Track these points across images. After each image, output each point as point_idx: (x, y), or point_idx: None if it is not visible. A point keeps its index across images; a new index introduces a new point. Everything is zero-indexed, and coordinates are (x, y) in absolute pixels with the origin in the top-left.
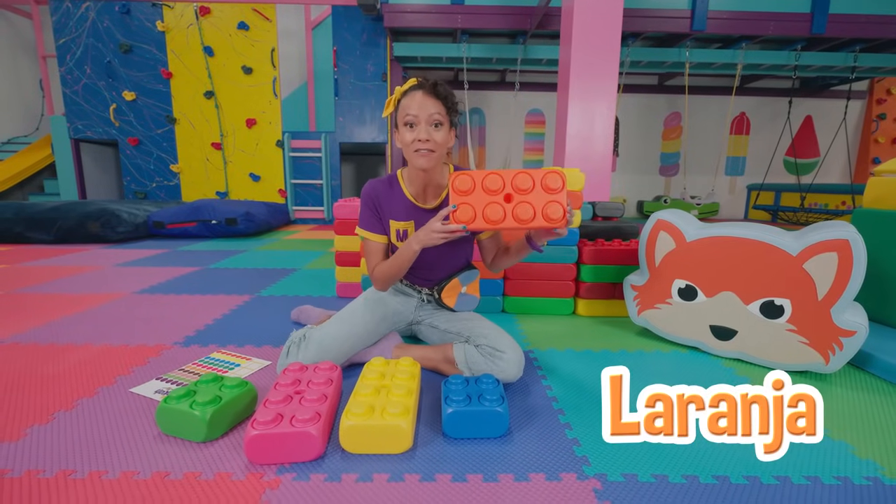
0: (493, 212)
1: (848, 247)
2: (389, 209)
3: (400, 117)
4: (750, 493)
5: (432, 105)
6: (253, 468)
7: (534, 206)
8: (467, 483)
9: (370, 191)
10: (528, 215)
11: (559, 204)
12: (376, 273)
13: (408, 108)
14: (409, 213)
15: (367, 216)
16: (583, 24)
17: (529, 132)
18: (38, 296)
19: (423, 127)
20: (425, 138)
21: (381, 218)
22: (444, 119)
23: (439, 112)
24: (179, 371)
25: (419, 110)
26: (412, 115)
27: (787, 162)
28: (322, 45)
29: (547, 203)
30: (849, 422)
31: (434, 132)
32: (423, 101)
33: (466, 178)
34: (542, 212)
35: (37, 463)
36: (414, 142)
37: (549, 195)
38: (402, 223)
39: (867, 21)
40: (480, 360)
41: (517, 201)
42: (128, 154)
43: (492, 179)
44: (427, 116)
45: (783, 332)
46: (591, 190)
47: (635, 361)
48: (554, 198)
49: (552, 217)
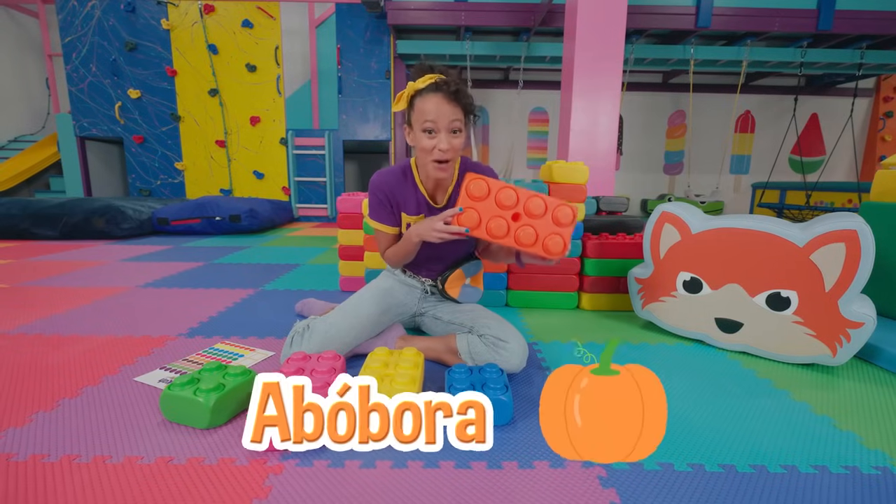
0: (497, 226)
1: (856, 237)
2: (402, 202)
3: (416, 119)
4: (756, 481)
5: (452, 112)
6: (256, 454)
7: (537, 233)
8: (471, 470)
9: (382, 184)
10: (529, 240)
11: (562, 238)
12: (387, 255)
13: (426, 112)
14: (420, 208)
15: (379, 209)
16: (587, 21)
17: (533, 130)
18: (43, 289)
19: (443, 136)
20: (446, 148)
21: (394, 209)
22: (463, 125)
23: (459, 119)
24: (183, 361)
25: (439, 117)
26: (431, 121)
27: (793, 160)
28: (326, 43)
29: (550, 234)
30: (856, 413)
31: (454, 139)
32: (444, 107)
33: (483, 184)
34: (544, 241)
35: (42, 448)
36: (434, 150)
37: (555, 227)
38: (413, 217)
39: (874, 17)
40: (484, 350)
41: (523, 223)
42: (133, 152)
43: (506, 194)
44: (447, 124)
45: (789, 324)
46: (595, 187)
47: (640, 354)
48: (559, 231)
49: (551, 249)
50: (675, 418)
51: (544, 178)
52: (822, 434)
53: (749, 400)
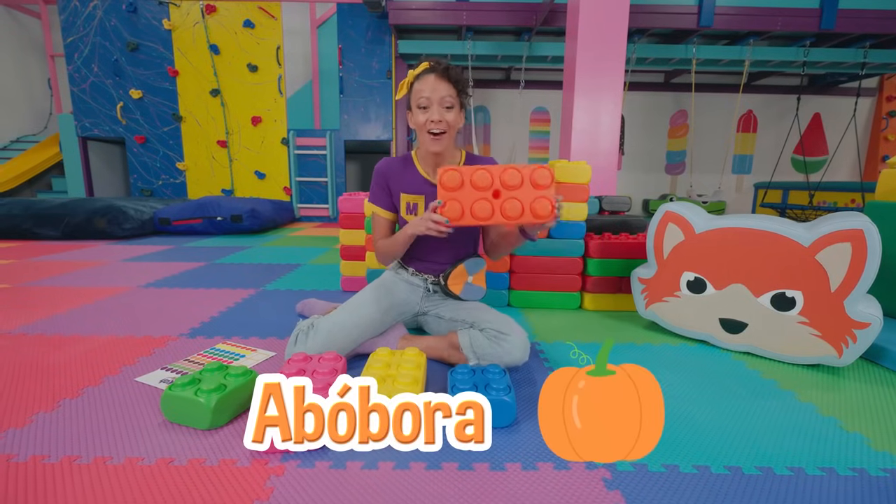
0: (481, 208)
1: (862, 236)
2: (400, 183)
3: (413, 100)
4: (763, 483)
5: (444, 88)
6: (257, 455)
7: (522, 203)
8: (474, 471)
9: (383, 167)
10: (516, 212)
11: (547, 200)
12: (378, 246)
13: (421, 90)
14: (421, 188)
15: (377, 191)
16: (589, 21)
17: (535, 130)
18: (45, 289)
19: (435, 108)
20: (438, 119)
21: (391, 193)
22: (455, 101)
23: (451, 94)
24: (184, 361)
25: (432, 93)
26: (425, 97)
27: (796, 160)
28: (327, 43)
29: (535, 199)
30: (863, 414)
31: (446, 114)
32: (436, 84)
33: (454, 173)
34: (531, 208)
35: (42, 448)
36: (427, 122)
37: (537, 191)
38: (412, 196)
39: (877, 16)
40: (486, 344)
41: (505, 197)
42: (135, 152)
43: (480, 175)
44: (439, 99)
45: (795, 324)
46: (598, 186)
47: (643, 355)
48: (542, 194)
49: (540, 213)
50: (680, 419)
51: None
52: (828, 435)
53: (754, 401)
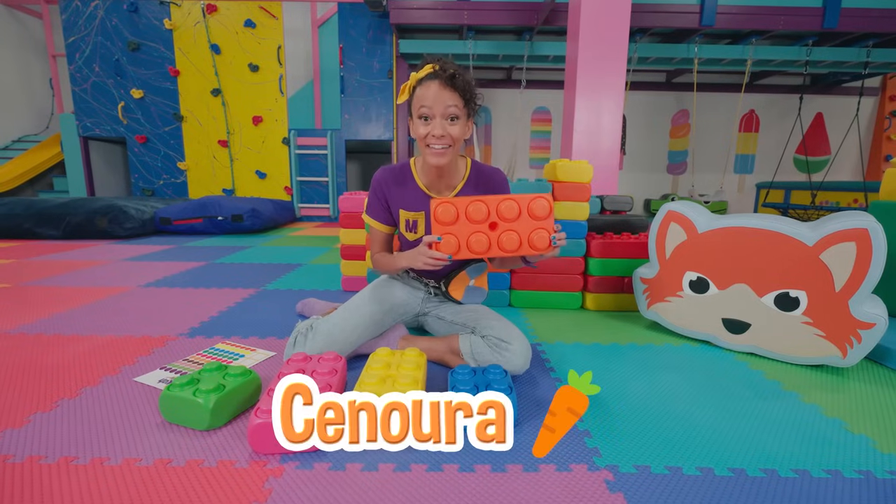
0: (477, 242)
1: (867, 236)
2: (400, 199)
3: (415, 107)
4: (768, 486)
5: (449, 97)
6: (256, 456)
7: (519, 235)
8: (475, 473)
9: (381, 179)
10: (513, 245)
11: (546, 231)
12: (375, 259)
13: (423, 99)
14: (421, 204)
15: (374, 204)
16: (590, 20)
17: (536, 130)
18: (45, 288)
19: (437, 121)
20: (440, 134)
21: (390, 208)
22: (461, 112)
23: (456, 105)
24: (184, 361)
25: (434, 103)
26: (427, 107)
27: (798, 160)
28: (328, 43)
29: (533, 231)
30: (868, 415)
31: (450, 126)
32: (440, 92)
33: (449, 207)
34: (528, 240)
35: (39, 449)
36: (427, 136)
37: (535, 222)
38: (412, 213)
39: (880, 15)
40: (486, 352)
41: (502, 230)
42: (136, 151)
43: (476, 208)
44: (443, 110)
45: (798, 324)
46: (599, 186)
47: (645, 355)
48: (540, 225)
49: (538, 246)
50: (683, 421)
51: (548, 178)
52: (834, 437)
53: (758, 402)
